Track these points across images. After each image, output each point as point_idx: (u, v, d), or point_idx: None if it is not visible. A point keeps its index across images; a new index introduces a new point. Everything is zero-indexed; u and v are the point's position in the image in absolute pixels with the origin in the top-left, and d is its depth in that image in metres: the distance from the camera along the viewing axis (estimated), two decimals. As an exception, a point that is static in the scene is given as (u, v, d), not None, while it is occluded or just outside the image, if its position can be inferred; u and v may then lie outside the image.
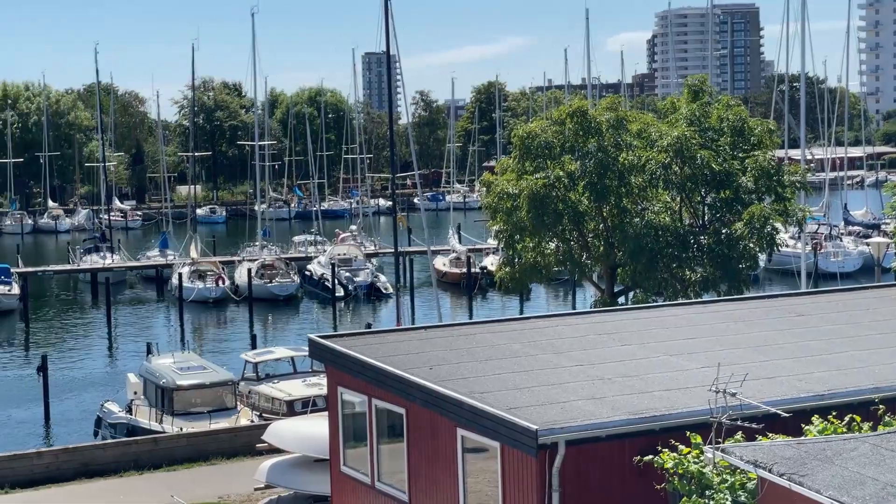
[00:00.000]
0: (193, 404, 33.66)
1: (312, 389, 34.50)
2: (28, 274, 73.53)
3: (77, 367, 51.59)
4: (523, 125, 34.50)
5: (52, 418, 39.92)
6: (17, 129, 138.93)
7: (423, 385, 17.08)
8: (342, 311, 65.50)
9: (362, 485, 19.31)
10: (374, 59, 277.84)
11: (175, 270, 71.08)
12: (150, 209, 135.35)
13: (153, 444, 29.60)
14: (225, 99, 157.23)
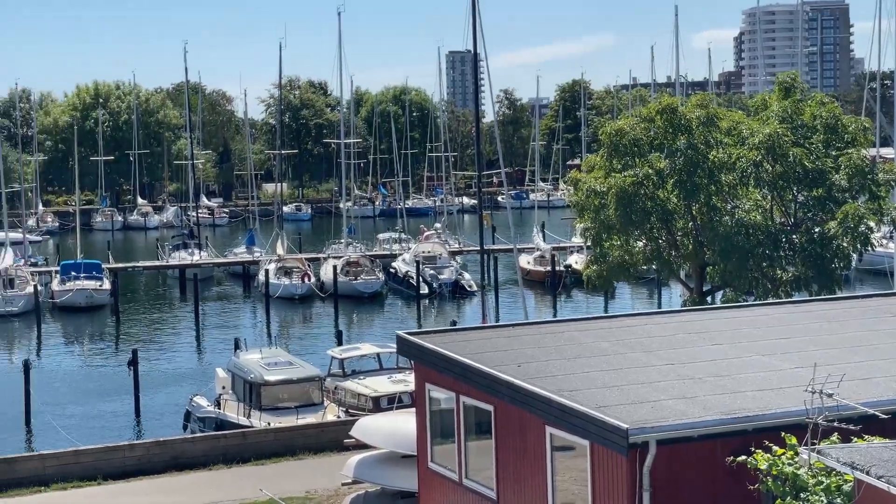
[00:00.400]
0: (281, 399, 33.93)
1: (398, 386, 34.61)
2: (118, 270, 74.65)
3: (166, 362, 52.34)
4: (612, 122, 34.28)
5: (143, 412, 40.54)
6: (108, 127, 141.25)
7: (511, 382, 17.04)
8: (426, 309, 65.70)
9: (449, 481, 19.32)
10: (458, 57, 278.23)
11: (262, 267, 71.80)
12: (237, 206, 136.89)
13: (242, 439, 29.88)
14: (311, 97, 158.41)
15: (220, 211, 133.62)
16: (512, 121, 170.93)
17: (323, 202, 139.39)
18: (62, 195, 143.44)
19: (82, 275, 67.68)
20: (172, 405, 41.24)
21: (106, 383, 47.16)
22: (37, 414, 38.29)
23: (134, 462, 28.36)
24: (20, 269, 70.65)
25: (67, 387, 46.47)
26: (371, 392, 34.49)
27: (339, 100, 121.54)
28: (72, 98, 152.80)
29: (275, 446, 29.62)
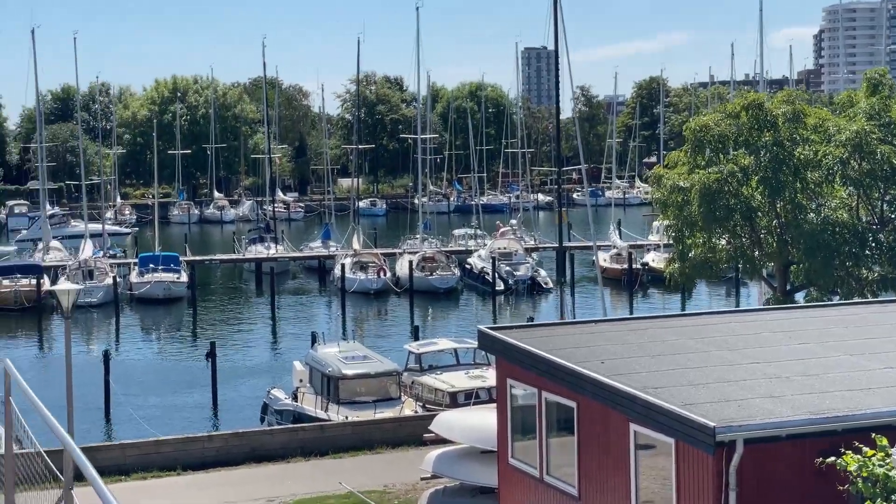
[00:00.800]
0: (358, 393, 34.01)
1: (475, 381, 34.54)
2: (195, 262, 75.40)
3: (243, 355, 52.75)
4: (696, 118, 33.90)
5: (220, 403, 40.88)
6: (186, 121, 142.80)
7: (595, 379, 16.86)
8: (501, 305, 65.58)
9: (530, 478, 19.18)
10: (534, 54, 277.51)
11: (337, 261, 72.12)
12: (312, 201, 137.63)
13: (320, 432, 29.98)
14: (386, 93, 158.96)
15: (296, 205, 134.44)
16: (588, 118, 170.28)
17: (397, 198, 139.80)
18: (140, 188, 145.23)
19: (160, 267, 68.45)
20: (249, 398, 41.52)
21: (184, 375, 47.63)
22: (116, 404, 38.75)
23: (213, 453, 28.57)
24: (99, 260, 71.67)
25: (146, 378, 46.98)
26: (448, 387, 34.44)
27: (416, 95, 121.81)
28: (150, 92, 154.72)
29: (352, 440, 29.68)
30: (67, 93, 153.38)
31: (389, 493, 25.32)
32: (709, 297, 64.74)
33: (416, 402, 34.17)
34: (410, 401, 34.10)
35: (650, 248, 73.87)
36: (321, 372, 34.79)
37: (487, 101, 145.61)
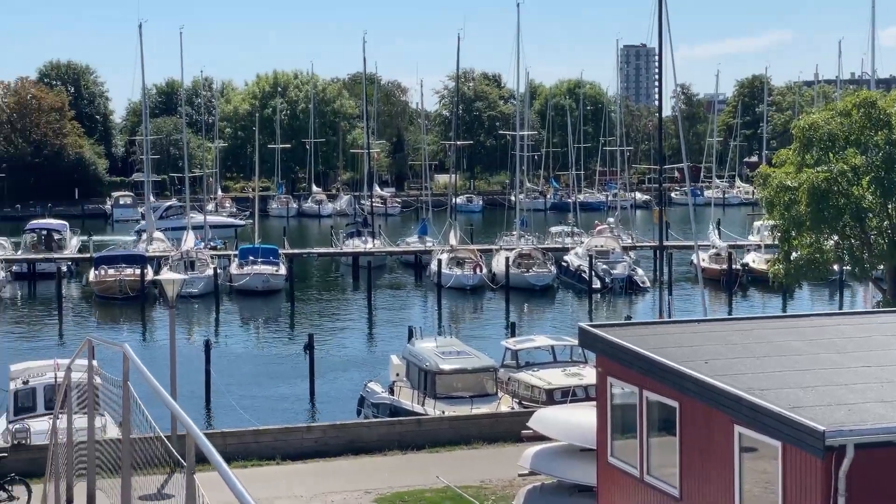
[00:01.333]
0: (455, 388, 34.01)
1: (572, 379, 34.34)
2: (293, 255, 76.08)
3: (340, 347, 53.10)
4: (805, 116, 33.30)
5: (317, 395, 41.20)
6: (286, 116, 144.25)
7: (699, 379, 16.62)
8: (598, 303, 65.17)
9: (630, 477, 18.99)
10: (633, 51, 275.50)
11: (434, 257, 72.28)
12: (409, 196, 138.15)
13: (417, 426, 30.04)
14: (484, 90, 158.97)
15: (393, 200, 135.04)
16: (688, 116, 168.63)
17: (494, 194, 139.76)
18: (240, 181, 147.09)
19: (260, 259, 69.24)
20: (346, 390, 41.76)
21: (282, 366, 48.10)
22: (217, 393, 39.22)
23: (311, 444, 28.78)
24: (201, 252, 72.71)
25: (245, 368, 47.51)
26: (545, 384, 34.29)
27: (514, 92, 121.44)
28: (252, 87, 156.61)
29: (449, 434, 29.69)
30: (172, 87, 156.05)
31: (486, 489, 25.27)
32: (811, 299, 63.64)
33: (512, 399, 34.08)
34: (507, 397, 34.01)
35: (750, 249, 72.89)
36: (418, 366, 34.86)
37: (586, 98, 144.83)
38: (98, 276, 66.50)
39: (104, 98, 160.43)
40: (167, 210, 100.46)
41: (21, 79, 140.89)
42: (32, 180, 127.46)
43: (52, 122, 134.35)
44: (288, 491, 25.13)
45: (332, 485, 25.87)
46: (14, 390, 31.31)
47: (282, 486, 25.36)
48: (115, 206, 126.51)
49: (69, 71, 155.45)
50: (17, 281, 73.68)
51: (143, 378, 7.93)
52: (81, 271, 74.98)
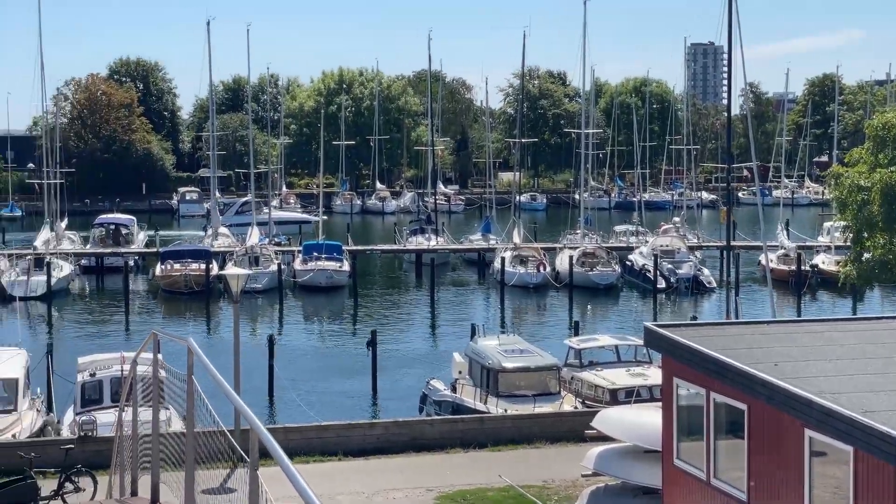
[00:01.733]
0: (518, 387, 33.85)
1: (636, 379, 34.05)
2: (357, 252, 76.29)
3: (402, 344, 53.10)
4: (880, 115, 32.72)
5: (380, 392, 41.21)
6: (351, 112, 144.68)
7: (769, 381, 16.33)
8: (663, 303, 64.62)
9: (696, 480, 18.72)
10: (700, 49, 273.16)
11: (497, 255, 72.11)
12: (473, 194, 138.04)
13: (479, 424, 29.88)
14: (549, 87, 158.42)
15: (457, 198, 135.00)
16: (756, 115, 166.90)
17: (558, 192, 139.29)
18: (304, 178, 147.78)
19: (323, 255, 69.50)
20: (408, 387, 41.70)
21: (344, 362, 48.16)
22: (280, 388, 39.36)
23: (373, 440, 28.73)
24: (265, 247, 73.14)
25: (308, 363, 47.66)
26: (609, 384, 34.03)
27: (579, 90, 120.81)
28: (317, 83, 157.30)
29: (511, 433, 29.51)
30: (238, 84, 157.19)
31: (549, 489, 25.07)
32: (881, 302, 62.62)
33: (575, 398, 33.86)
34: (570, 396, 33.80)
35: (820, 250, 71.94)
36: (481, 364, 34.73)
37: (652, 96, 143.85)
38: (164, 271, 67.12)
39: (172, 95, 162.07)
40: (243, 206, 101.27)
41: (91, 75, 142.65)
42: (101, 175, 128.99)
43: (122, 118, 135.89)
44: (349, 487, 25.10)
45: (394, 482, 25.81)
46: (81, 382, 31.63)
47: (343, 483, 25.33)
48: (181, 202, 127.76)
49: (138, 68, 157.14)
50: (86, 275, 74.61)
51: (208, 372, 7.86)
52: (148, 266, 75.74)
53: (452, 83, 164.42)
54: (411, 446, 28.74)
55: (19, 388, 31.27)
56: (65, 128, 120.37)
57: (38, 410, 32.06)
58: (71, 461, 24.24)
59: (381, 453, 28.29)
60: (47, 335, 55.16)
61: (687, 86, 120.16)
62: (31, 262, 66.28)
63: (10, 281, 64.09)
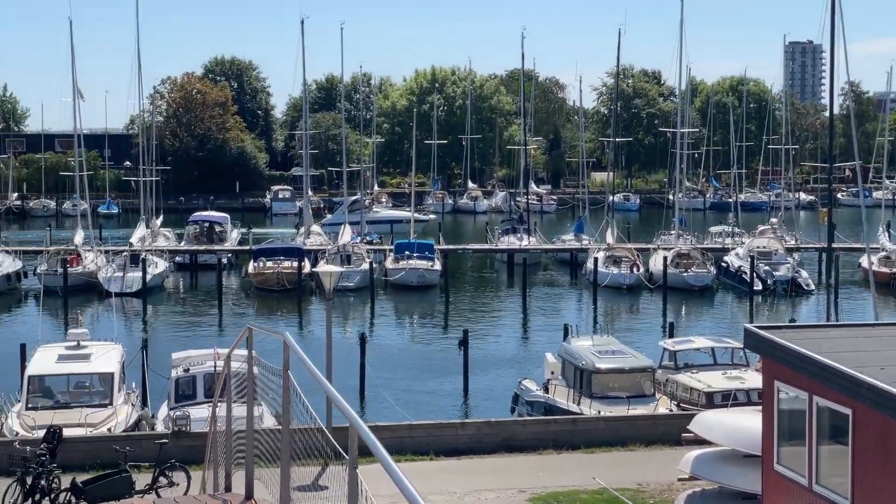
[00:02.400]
0: (612, 388, 33.42)
1: (733, 382, 33.45)
2: (448, 251, 76.20)
3: (494, 344, 52.81)
4: None
5: (471, 391, 40.98)
6: (443, 112, 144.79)
7: (875, 386, 15.81)
8: (759, 305, 63.56)
9: (797, 486, 18.20)
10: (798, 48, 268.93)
11: (590, 255, 71.50)
12: (565, 194, 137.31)
13: (572, 425, 29.51)
14: (644, 86, 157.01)
15: (549, 198, 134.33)
16: (856, 114, 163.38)
17: (651, 193, 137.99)
18: (396, 177, 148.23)
19: (415, 254, 69.49)
20: (500, 387, 41.44)
21: (435, 361, 48.00)
22: (371, 386, 39.29)
23: (465, 440, 28.50)
24: (357, 246, 73.39)
25: (399, 362, 47.58)
26: (704, 387, 33.46)
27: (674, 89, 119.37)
28: (409, 83, 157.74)
29: (605, 435, 29.09)
30: (331, 83, 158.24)
31: (644, 492, 24.63)
32: None
33: (669, 401, 33.32)
34: (664, 398, 33.26)
35: (922, 252, 70.30)
36: (574, 365, 34.35)
37: (749, 95, 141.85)
38: (256, 268, 67.62)
39: (266, 93, 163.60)
40: (353, 204, 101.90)
41: (187, 74, 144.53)
42: (195, 173, 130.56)
43: (216, 116, 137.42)
44: (441, 487, 24.87)
45: (486, 482, 25.55)
46: (175, 378, 31.87)
47: (435, 483, 25.12)
48: (273, 200, 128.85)
49: (233, 67, 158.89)
50: (180, 271, 75.51)
51: (305, 368, 7.67)
52: (241, 263, 76.41)
53: (545, 82, 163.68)
54: (503, 447, 28.47)
55: (115, 383, 31.59)
56: (161, 126, 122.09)
57: (133, 405, 32.35)
58: (165, 456, 24.39)
59: (472, 453, 28.06)
60: (142, 331, 55.84)
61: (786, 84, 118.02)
62: (126, 258, 67.23)
63: (107, 277, 65.05)
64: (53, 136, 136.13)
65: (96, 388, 32.06)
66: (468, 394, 40.69)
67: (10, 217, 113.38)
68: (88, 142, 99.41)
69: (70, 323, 50.40)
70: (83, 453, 26.18)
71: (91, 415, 29.57)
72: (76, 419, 28.87)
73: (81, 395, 31.77)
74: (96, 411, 30.11)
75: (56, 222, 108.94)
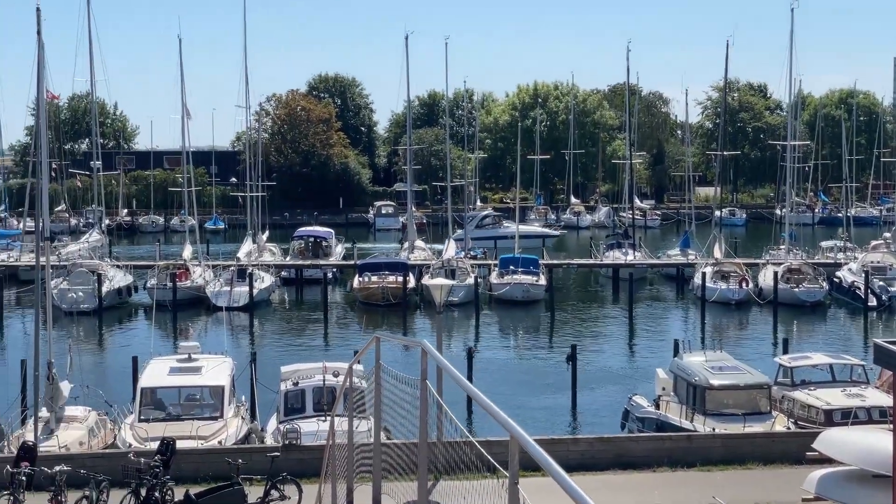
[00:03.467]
0: (726, 405, 32.65)
1: (853, 400, 32.49)
2: (553, 266, 75.65)
3: (601, 359, 52.12)
4: None
5: (579, 407, 40.44)
6: (545, 127, 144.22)
7: None
8: (874, 321, 61.98)
9: (932, 507, 17.39)
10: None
11: (698, 270, 70.42)
12: (669, 209, 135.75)
13: (687, 442, 28.80)
14: (749, 100, 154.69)
15: (652, 213, 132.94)
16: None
17: (757, 207, 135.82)
18: (498, 192, 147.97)
19: (520, 269, 69.06)
20: (609, 403, 40.86)
21: (542, 376, 47.52)
22: (478, 401, 38.86)
23: (577, 456, 27.91)
24: (461, 260, 73.20)
25: (505, 376, 47.14)
26: (823, 405, 32.55)
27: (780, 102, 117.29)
28: (512, 98, 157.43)
29: (721, 453, 28.32)
30: (433, 98, 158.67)
31: (765, 513, 23.90)
32: None
33: (787, 418, 32.44)
34: (781, 416, 32.39)
35: None
36: (686, 381, 33.66)
37: (859, 108, 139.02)
38: (361, 283, 67.77)
39: (369, 110, 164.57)
40: (483, 220, 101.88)
41: (291, 91, 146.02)
42: (300, 189, 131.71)
43: (320, 132, 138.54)
44: (556, 502, 24.35)
45: (601, 499, 24.70)
46: (284, 391, 31.89)
47: (547, 499, 24.57)
48: (377, 216, 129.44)
49: (336, 84, 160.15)
50: (286, 286, 75.97)
51: (450, 376, 7.35)
52: (345, 278, 76.69)
53: (649, 96, 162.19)
54: (616, 463, 27.88)
55: (225, 396, 31.70)
56: (266, 143, 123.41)
57: (243, 418, 32.44)
58: (276, 469, 24.32)
59: (585, 469, 27.43)
60: (249, 344, 56.24)
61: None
62: (234, 273, 67.91)
63: (214, 291, 65.73)
64: (162, 154, 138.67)
65: (207, 400, 32.23)
66: (577, 409, 40.16)
67: (120, 233, 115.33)
68: (196, 159, 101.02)
69: (180, 336, 50.96)
70: (195, 465, 26.23)
71: (202, 427, 29.68)
72: (187, 431, 28.99)
73: (193, 407, 31.95)
74: (207, 424, 30.23)
75: (164, 238, 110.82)
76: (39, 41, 33.02)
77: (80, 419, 31.98)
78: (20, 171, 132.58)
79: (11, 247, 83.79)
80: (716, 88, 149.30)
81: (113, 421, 33.05)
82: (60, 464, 24.05)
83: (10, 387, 39.16)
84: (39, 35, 33.22)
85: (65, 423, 31.59)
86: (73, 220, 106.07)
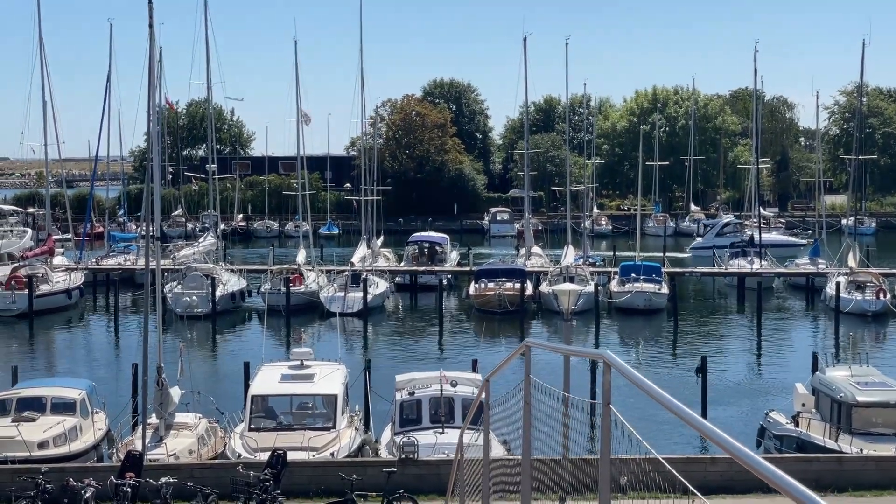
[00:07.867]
0: (875, 424, 30.16)
1: None
2: (675, 274, 73.28)
3: (730, 372, 49.53)
4: None
5: (711, 422, 37.94)
6: (664, 132, 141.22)
7: None
8: None
9: None
10: None
11: (830, 280, 67.34)
12: (793, 217, 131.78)
13: (837, 465, 26.47)
14: (879, 105, 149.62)
15: (776, 221, 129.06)
16: None
17: (888, 216, 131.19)
18: (615, 198, 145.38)
19: (642, 277, 66.79)
20: (742, 418, 38.56)
21: (668, 389, 44.29)
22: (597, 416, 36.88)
23: (716, 478, 25.78)
24: (580, 267, 71.19)
25: (627, 388, 44.91)
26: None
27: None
28: (630, 103, 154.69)
29: (875, 477, 25.95)
30: (549, 104, 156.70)
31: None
32: None
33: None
34: (942, 435, 29.82)
35: None
36: (830, 397, 31.26)
37: None
38: (478, 290, 66.11)
39: (484, 115, 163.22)
40: (724, 227, 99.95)
41: (406, 96, 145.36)
42: (414, 195, 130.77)
43: (435, 138, 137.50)
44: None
45: (747, 528, 22.86)
46: (400, 401, 30.30)
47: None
48: (492, 222, 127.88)
49: (451, 89, 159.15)
50: (400, 292, 74.66)
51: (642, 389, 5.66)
52: (460, 284, 75.14)
53: (773, 101, 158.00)
54: (759, 486, 25.58)
55: (338, 405, 30.24)
56: (381, 148, 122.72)
57: (357, 428, 30.93)
58: (392, 485, 22.72)
59: (724, 492, 25.32)
60: (363, 351, 54.91)
61: None
62: (348, 278, 66.76)
63: (328, 297, 64.70)
64: (277, 159, 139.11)
65: (320, 409, 30.82)
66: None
67: (235, 237, 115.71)
68: (310, 164, 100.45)
69: (293, 342, 49.78)
70: (307, 479, 24.78)
71: (314, 438, 28.25)
72: (298, 442, 27.58)
73: (304, 416, 30.54)
74: (319, 434, 28.80)
75: (278, 242, 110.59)
76: (151, 34, 31.97)
77: (191, 426, 30.87)
78: (139, 175, 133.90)
79: (128, 250, 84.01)
80: (843, 93, 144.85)
81: (223, 428, 31.91)
82: (167, 475, 22.89)
83: (123, 392, 38.37)
84: (151, 28, 32.19)
85: (174, 430, 30.50)
86: (190, 225, 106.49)
